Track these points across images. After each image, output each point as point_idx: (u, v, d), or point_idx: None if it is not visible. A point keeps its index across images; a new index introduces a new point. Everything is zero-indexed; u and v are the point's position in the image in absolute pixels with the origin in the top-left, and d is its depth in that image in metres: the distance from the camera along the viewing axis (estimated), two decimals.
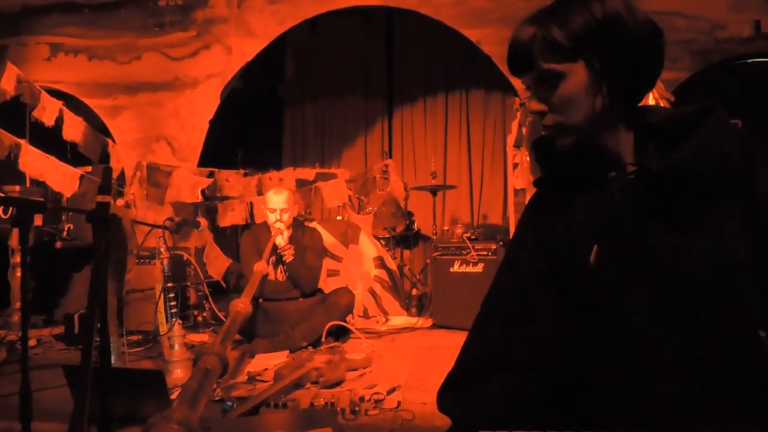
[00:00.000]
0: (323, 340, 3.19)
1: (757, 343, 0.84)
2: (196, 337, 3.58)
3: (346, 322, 3.39)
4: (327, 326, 3.20)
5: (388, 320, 4.19)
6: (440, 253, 4.02)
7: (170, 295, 2.71)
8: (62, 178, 3.79)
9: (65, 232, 4.52)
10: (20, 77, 3.68)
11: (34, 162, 3.67)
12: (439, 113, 6.45)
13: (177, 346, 2.65)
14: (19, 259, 3.94)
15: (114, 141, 4.72)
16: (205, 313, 4.16)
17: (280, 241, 3.36)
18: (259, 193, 4.66)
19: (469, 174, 6.35)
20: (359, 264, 4.46)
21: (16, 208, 1.50)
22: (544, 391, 0.92)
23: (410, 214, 5.29)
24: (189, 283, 4.08)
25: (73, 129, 3.92)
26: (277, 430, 1.73)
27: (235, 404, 2.08)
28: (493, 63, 4.85)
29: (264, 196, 3.63)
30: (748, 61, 4.68)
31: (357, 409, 2.04)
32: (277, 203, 3.41)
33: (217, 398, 2.19)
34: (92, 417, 1.16)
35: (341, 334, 3.39)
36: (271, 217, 3.41)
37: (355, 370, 2.65)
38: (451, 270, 3.92)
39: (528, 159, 3.81)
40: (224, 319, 3.52)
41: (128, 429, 1.89)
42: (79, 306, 3.92)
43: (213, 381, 1.98)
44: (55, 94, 4.16)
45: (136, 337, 3.48)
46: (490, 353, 0.96)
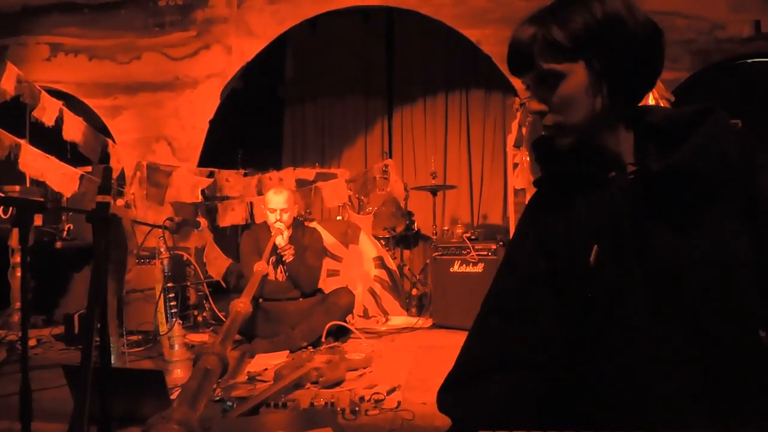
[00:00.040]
0: (323, 340, 3.19)
1: (758, 343, 0.84)
2: (196, 337, 3.58)
3: (346, 322, 3.39)
4: (327, 326, 3.20)
5: (388, 320, 4.19)
6: (440, 253, 4.02)
7: (170, 295, 2.71)
8: (62, 178, 3.79)
9: (65, 232, 4.52)
10: (20, 77, 3.68)
11: (34, 162, 3.67)
12: (439, 113, 6.45)
13: (177, 346, 2.65)
14: (19, 259, 3.94)
15: (114, 141, 4.73)
16: (205, 313, 4.16)
17: (280, 241, 3.36)
18: (259, 193, 4.65)
19: (469, 174, 6.35)
20: (359, 264, 4.46)
21: (16, 208, 1.50)
22: (544, 391, 0.92)
23: (410, 214, 5.29)
24: (189, 283, 4.08)
25: (73, 129, 3.92)
26: (277, 430, 1.73)
27: (235, 404, 2.08)
28: (493, 63, 4.85)
29: (264, 196, 3.63)
30: (748, 61, 4.67)
31: (357, 409, 2.05)
32: (277, 203, 3.41)
33: (217, 398, 2.20)
34: (92, 417, 1.16)
35: (341, 334, 3.39)
36: (271, 217, 3.41)
37: (355, 370, 2.65)
38: (451, 270, 3.92)
39: (528, 159, 3.81)
40: (224, 319, 3.52)
41: (128, 429, 1.89)
42: (79, 306, 3.92)
43: (213, 381, 1.98)
44: (55, 94, 4.16)
45: (136, 337, 3.48)
46: (490, 353, 0.96)
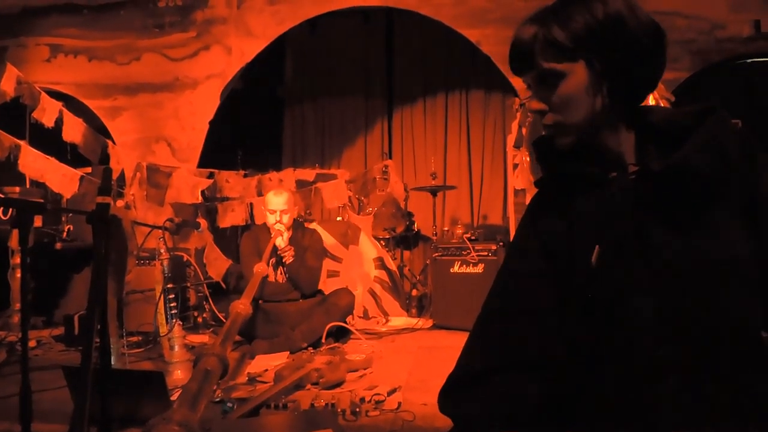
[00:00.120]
0: (323, 341, 3.18)
1: (759, 344, 0.83)
2: (196, 338, 3.57)
3: (346, 323, 3.38)
4: (327, 327, 3.19)
5: (388, 321, 4.19)
6: (440, 254, 4.01)
7: (170, 296, 2.71)
8: (62, 179, 3.78)
9: (65, 234, 4.52)
10: (20, 78, 3.68)
11: (34, 163, 3.66)
12: (439, 113, 6.45)
13: (177, 347, 2.65)
14: (19, 260, 3.94)
15: (114, 142, 4.72)
16: (205, 314, 4.16)
17: (280, 242, 3.36)
18: (259, 194, 4.65)
19: (469, 174, 6.34)
20: (359, 265, 4.46)
21: (16, 209, 1.50)
22: (546, 392, 0.92)
23: (410, 215, 5.29)
24: (189, 284, 4.07)
25: (73, 130, 3.92)
26: (278, 431, 1.73)
27: (236, 405, 2.08)
28: (493, 63, 4.85)
29: (264, 198, 3.63)
30: (748, 61, 4.67)
31: (357, 410, 2.04)
32: (277, 204, 3.41)
33: (218, 399, 2.19)
34: (92, 418, 1.16)
35: (341, 335, 3.39)
36: (271, 219, 3.41)
37: (356, 371, 2.65)
38: (451, 271, 3.92)
39: (528, 159, 3.81)
40: (224, 320, 3.52)
41: (128, 430, 1.89)
42: (78, 307, 3.92)
43: (213, 382, 1.98)
44: (55, 95, 4.16)
45: (136, 338, 3.48)
46: (492, 354, 0.96)
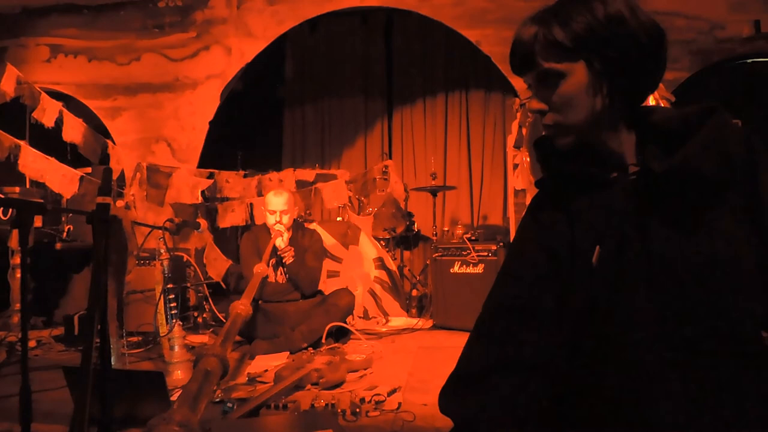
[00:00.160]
0: (323, 341, 3.18)
1: (761, 344, 0.83)
2: (196, 339, 3.57)
3: (346, 323, 3.38)
4: (327, 327, 3.19)
5: (388, 321, 4.19)
6: (440, 254, 4.01)
7: (170, 297, 2.71)
8: (62, 180, 3.78)
9: (65, 234, 4.52)
10: (20, 78, 3.68)
11: (34, 163, 3.66)
12: (439, 114, 6.45)
13: (177, 348, 2.65)
14: (19, 260, 3.94)
15: (114, 142, 4.72)
16: (205, 315, 4.16)
17: (280, 243, 3.35)
18: (259, 194, 4.65)
19: (469, 175, 6.34)
20: (359, 265, 4.46)
21: (16, 209, 1.50)
22: (547, 392, 0.92)
23: (410, 215, 5.29)
24: (189, 285, 4.07)
25: (73, 130, 3.92)
26: (278, 431, 1.73)
27: (236, 406, 2.08)
28: (493, 63, 4.85)
29: (264, 198, 3.63)
30: (748, 61, 4.67)
31: (358, 410, 2.04)
32: (277, 205, 3.40)
33: (218, 400, 2.19)
34: (92, 418, 1.16)
35: (341, 335, 3.39)
36: (271, 219, 3.41)
37: (356, 371, 2.65)
38: (452, 271, 3.92)
39: (528, 160, 3.81)
40: (224, 321, 3.52)
41: (128, 430, 1.89)
42: (78, 307, 3.92)
43: (213, 383, 1.98)
44: (55, 95, 4.16)
45: (136, 339, 3.48)
46: (492, 354, 0.95)
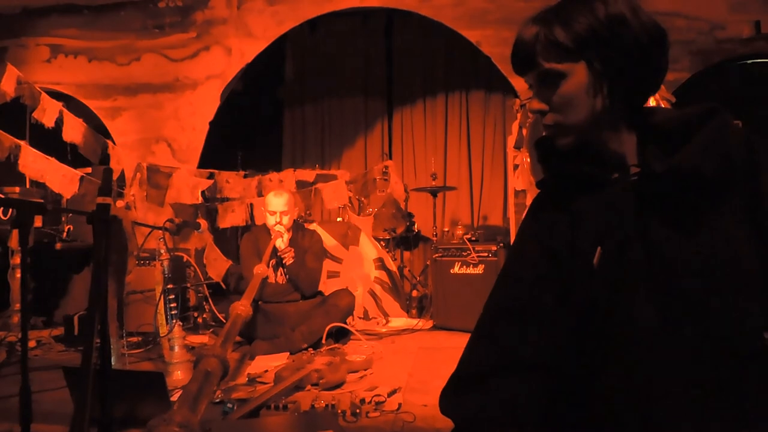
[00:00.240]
0: (323, 341, 3.18)
1: (762, 344, 0.83)
2: (196, 339, 3.57)
3: (346, 323, 3.38)
4: (327, 328, 3.19)
5: (388, 322, 4.18)
6: (440, 255, 4.01)
7: (170, 297, 2.71)
8: (62, 180, 3.78)
9: (65, 234, 4.52)
10: (20, 79, 3.68)
11: (34, 163, 3.66)
12: (439, 114, 6.45)
13: (177, 348, 2.65)
14: (19, 260, 3.94)
15: (114, 142, 4.72)
16: (205, 315, 4.15)
17: (280, 243, 3.35)
18: (260, 195, 4.65)
19: (469, 175, 6.34)
20: (359, 265, 4.45)
21: (16, 209, 1.50)
22: (548, 393, 0.92)
23: (410, 216, 5.29)
24: (189, 285, 4.07)
25: (73, 130, 3.92)
26: None
27: (236, 406, 2.08)
28: (493, 64, 4.85)
29: (264, 199, 3.63)
30: (748, 61, 4.67)
31: (358, 411, 2.04)
32: (277, 206, 3.40)
33: (218, 400, 2.19)
34: (92, 419, 1.16)
35: (341, 335, 3.39)
36: (271, 220, 3.40)
37: (356, 372, 2.65)
38: (452, 271, 3.92)
39: (528, 160, 3.81)
40: (224, 321, 3.51)
41: (128, 431, 1.89)
42: (78, 307, 3.92)
43: (214, 383, 1.98)
44: (55, 95, 4.15)
45: (136, 339, 3.48)
46: (493, 355, 0.95)
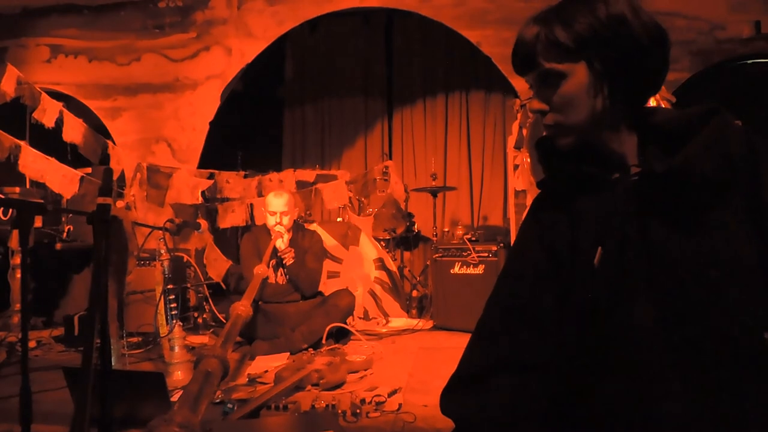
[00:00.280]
0: (324, 342, 3.18)
1: (762, 344, 0.83)
2: (197, 339, 3.57)
3: (346, 323, 3.38)
4: (327, 328, 3.19)
5: (388, 322, 4.18)
6: (441, 255, 4.01)
7: (170, 297, 2.71)
8: (62, 180, 3.78)
9: (65, 234, 4.52)
10: (20, 79, 3.68)
11: (34, 163, 3.66)
12: (439, 114, 6.45)
13: (177, 348, 2.65)
14: (19, 260, 3.94)
15: (114, 142, 4.72)
16: (205, 315, 4.15)
17: (281, 244, 3.35)
18: (260, 195, 4.65)
19: (469, 175, 6.34)
20: (359, 266, 4.45)
21: (17, 209, 1.50)
22: (548, 393, 0.92)
23: (410, 216, 5.29)
24: (189, 285, 4.07)
25: (73, 130, 3.91)
26: None
27: (236, 406, 2.08)
28: (493, 64, 4.84)
29: (264, 199, 3.63)
30: (748, 61, 4.67)
31: (358, 411, 2.04)
32: (277, 206, 3.40)
33: (218, 400, 2.19)
34: (92, 419, 1.16)
35: (342, 335, 3.39)
36: (271, 220, 3.40)
37: (356, 372, 2.65)
38: (452, 271, 3.92)
39: (528, 160, 3.80)
40: (224, 321, 3.51)
41: (129, 431, 1.88)
42: (78, 307, 3.92)
43: (214, 384, 1.98)
44: (55, 95, 4.15)
45: (136, 339, 3.47)
46: (494, 355, 0.95)
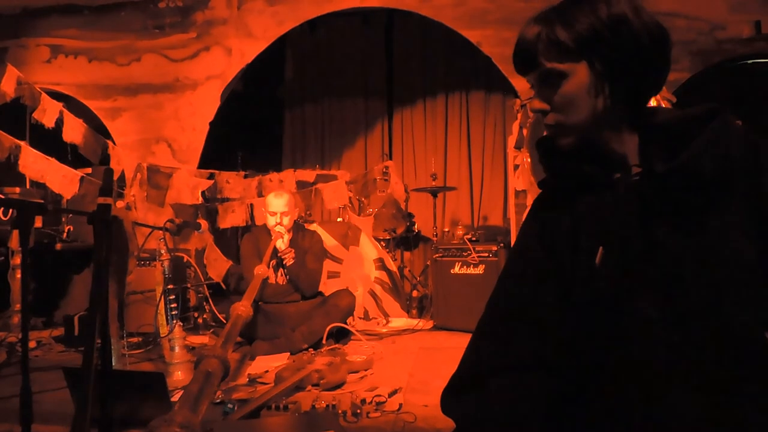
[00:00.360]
0: (324, 342, 3.18)
1: (763, 345, 0.83)
2: (197, 339, 3.57)
3: (346, 324, 3.38)
4: (327, 328, 3.19)
5: (388, 322, 4.18)
6: (441, 255, 4.01)
7: (171, 297, 2.71)
8: (62, 180, 3.78)
9: (65, 234, 4.52)
10: (20, 79, 3.67)
11: (35, 164, 3.66)
12: (439, 114, 6.45)
13: (177, 348, 2.65)
14: (19, 260, 3.94)
15: (114, 143, 4.72)
16: (205, 315, 4.15)
17: (281, 244, 3.34)
18: (260, 195, 4.65)
19: (469, 175, 6.34)
20: (360, 266, 4.45)
21: (17, 209, 1.50)
22: (549, 393, 0.92)
23: (411, 216, 5.29)
24: (189, 285, 4.07)
25: (74, 131, 3.91)
26: None
27: (236, 407, 2.08)
28: (494, 64, 4.84)
29: (264, 199, 3.62)
30: (749, 61, 4.67)
31: (358, 411, 2.04)
32: (277, 206, 3.40)
33: (218, 401, 2.19)
34: (93, 419, 1.16)
35: (342, 336, 3.39)
36: (271, 221, 3.40)
37: (356, 372, 2.65)
38: (452, 271, 3.91)
39: (528, 160, 3.80)
40: (224, 321, 3.51)
41: (129, 431, 1.88)
42: (78, 308, 3.92)
43: (215, 384, 1.98)
44: (55, 95, 4.15)
45: (136, 339, 3.47)
46: (495, 355, 0.95)
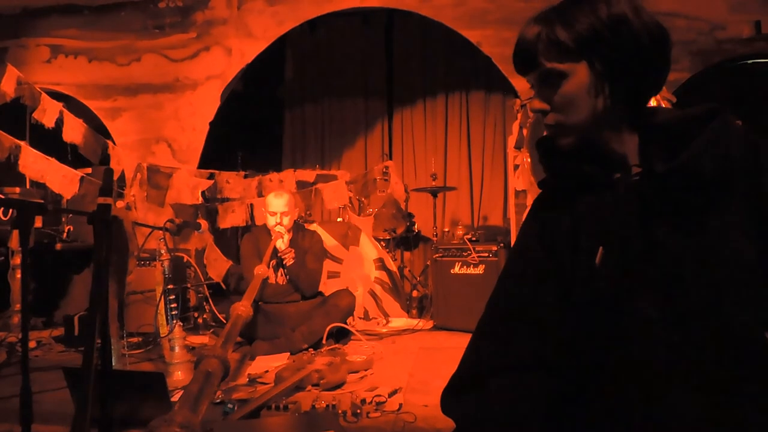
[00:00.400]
0: (324, 342, 3.18)
1: (763, 345, 0.83)
2: (197, 339, 3.57)
3: (346, 324, 3.38)
4: (327, 328, 3.19)
5: (388, 322, 4.18)
6: (441, 255, 4.01)
7: (171, 297, 2.71)
8: (62, 180, 3.78)
9: (65, 234, 4.52)
10: (20, 79, 3.68)
11: (35, 164, 3.66)
12: (439, 114, 6.45)
13: (177, 348, 2.65)
14: (19, 260, 3.94)
15: (114, 143, 4.72)
16: (205, 315, 4.15)
17: (281, 244, 3.34)
18: (260, 195, 4.65)
19: (469, 175, 6.34)
20: (360, 266, 4.45)
21: (17, 209, 1.50)
22: (549, 393, 0.92)
23: (411, 216, 5.29)
24: (189, 285, 4.07)
25: (73, 131, 3.91)
26: None
27: (236, 407, 2.08)
28: (494, 64, 4.84)
29: (264, 199, 3.62)
30: (749, 61, 4.67)
31: (358, 411, 2.04)
32: (277, 206, 3.40)
33: (218, 401, 2.19)
34: (93, 419, 1.16)
35: (342, 336, 3.39)
36: (271, 221, 3.40)
37: (356, 372, 2.65)
38: (452, 271, 3.92)
39: (528, 160, 3.80)
40: (224, 321, 3.51)
41: (129, 431, 1.88)
42: (78, 308, 3.92)
43: (215, 384, 1.98)
44: (55, 95, 4.15)
45: (136, 339, 3.47)
46: (495, 355, 0.95)
